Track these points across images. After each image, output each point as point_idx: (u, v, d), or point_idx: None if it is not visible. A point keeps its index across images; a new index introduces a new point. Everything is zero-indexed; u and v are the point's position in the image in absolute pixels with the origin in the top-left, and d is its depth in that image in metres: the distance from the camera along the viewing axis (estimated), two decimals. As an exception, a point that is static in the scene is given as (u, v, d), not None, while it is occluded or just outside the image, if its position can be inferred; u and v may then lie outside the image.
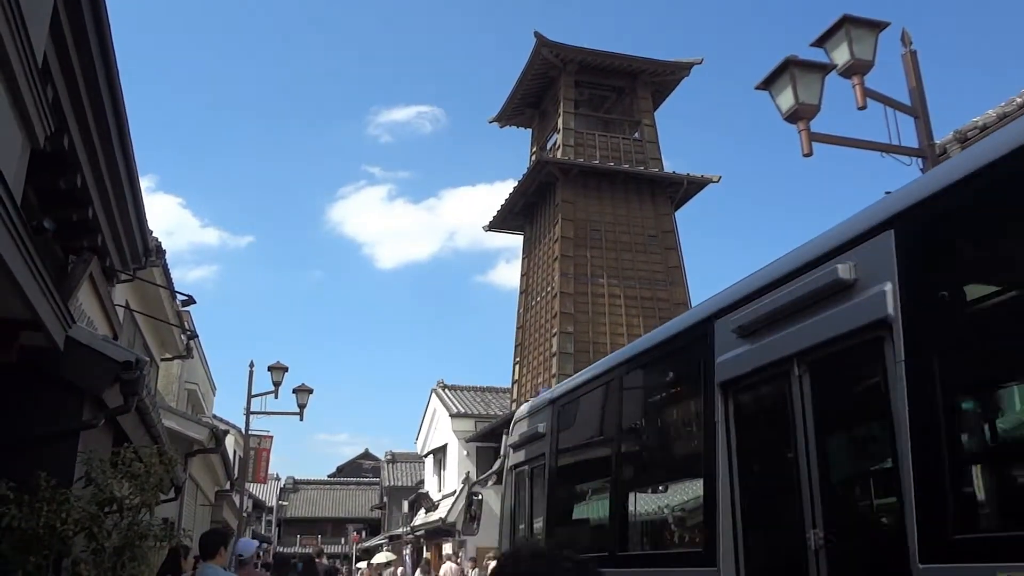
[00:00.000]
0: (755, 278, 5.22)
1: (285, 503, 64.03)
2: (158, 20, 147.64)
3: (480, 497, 11.19)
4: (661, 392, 6.50)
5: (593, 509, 7.26)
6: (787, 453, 4.60)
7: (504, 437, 9.86)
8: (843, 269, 4.22)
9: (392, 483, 48.84)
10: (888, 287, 3.93)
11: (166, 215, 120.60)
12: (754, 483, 4.97)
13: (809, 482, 4.33)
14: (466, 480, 28.64)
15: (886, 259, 4.00)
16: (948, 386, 3.64)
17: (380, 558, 40.86)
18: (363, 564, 41.98)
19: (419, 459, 43.16)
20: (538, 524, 8.10)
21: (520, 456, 8.84)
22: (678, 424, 6.21)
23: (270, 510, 59.27)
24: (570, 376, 7.74)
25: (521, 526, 8.56)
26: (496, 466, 13.37)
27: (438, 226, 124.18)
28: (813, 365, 4.48)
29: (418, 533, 36.99)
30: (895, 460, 3.77)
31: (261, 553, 31.11)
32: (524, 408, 9.31)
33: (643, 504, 6.47)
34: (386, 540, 45.79)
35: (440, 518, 30.83)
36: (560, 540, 7.36)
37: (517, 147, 54.32)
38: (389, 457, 51.01)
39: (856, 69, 8.66)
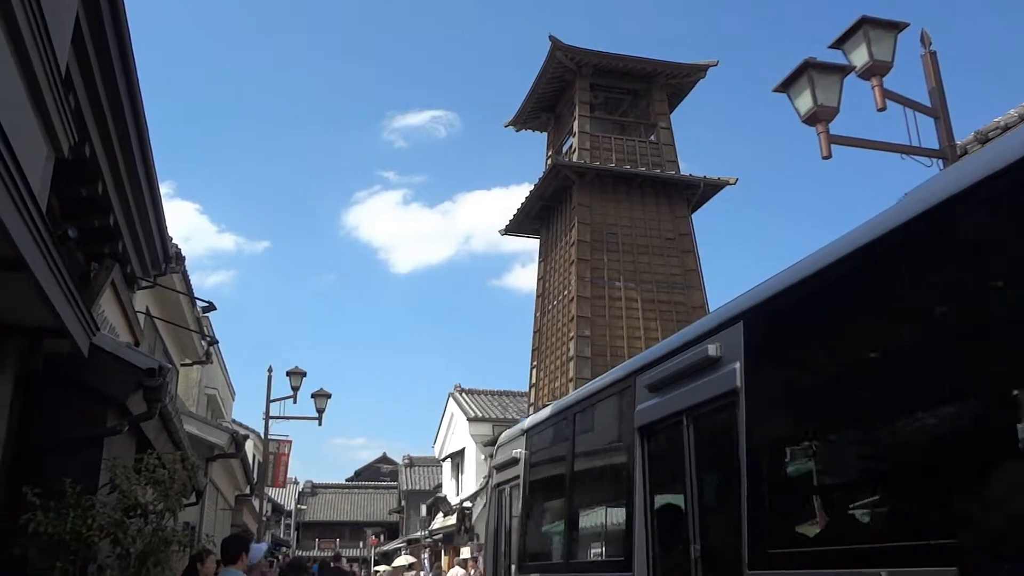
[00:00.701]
0: (662, 345, 6.70)
1: (304, 507, 64.27)
2: (175, 28, 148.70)
3: (470, 511, 13.02)
4: (600, 430, 7.79)
5: (554, 524, 8.50)
6: (679, 485, 5.83)
7: (489, 459, 11.32)
8: (712, 348, 5.48)
9: (410, 487, 48.92)
10: (737, 365, 5.16)
11: (183, 221, 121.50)
12: (659, 507, 6.24)
13: (692, 508, 5.62)
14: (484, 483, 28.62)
15: (737, 343, 5.27)
16: (770, 439, 4.98)
17: (400, 561, 40.82)
18: (382, 568, 42.02)
19: (437, 463, 43.25)
20: (514, 536, 9.48)
21: (501, 477, 10.23)
22: (612, 457, 7.32)
23: (289, 514, 59.49)
24: (589, 380, 8.91)
25: (502, 537, 9.93)
26: (483, 484, 14.96)
27: (453, 230, 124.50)
28: (695, 419, 5.71)
29: (436, 537, 37.03)
30: (738, 492, 4.92)
31: (280, 557, 31.30)
32: (505, 435, 10.68)
33: (586, 521, 7.78)
34: (404, 544, 45.85)
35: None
36: (529, 550, 8.94)
37: (532, 151, 54.30)
38: (407, 461, 51.09)
39: (875, 70, 8.62)
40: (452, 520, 32.93)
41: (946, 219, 3.72)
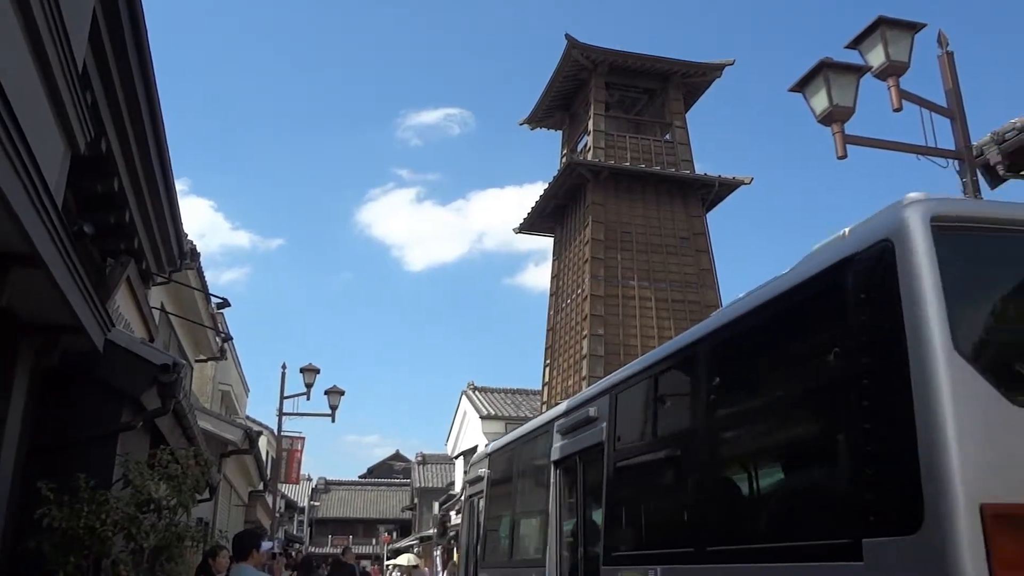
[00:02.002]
0: (570, 401, 8.61)
1: (317, 503, 64.47)
2: (191, 27, 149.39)
3: (447, 516, 15.39)
4: (532, 460, 9.56)
5: (504, 530, 10.55)
6: (575, 505, 7.85)
7: (465, 474, 13.59)
8: (592, 411, 7.38)
9: (423, 484, 49.00)
10: (604, 424, 7.05)
11: (198, 218, 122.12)
12: (565, 523, 8.16)
13: (581, 522, 7.60)
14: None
15: (605, 409, 7.12)
16: (618, 477, 6.77)
17: (400, 560, 40.61)
18: (392, 562, 42.01)
19: (450, 461, 43.27)
20: (478, 539, 11.47)
21: (471, 490, 12.27)
22: (538, 481, 9.23)
23: (302, 510, 59.68)
24: (600, 378, 9.98)
25: (472, 539, 11.84)
26: (459, 494, 17.48)
27: (467, 228, 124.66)
28: (583, 459, 7.63)
29: (449, 534, 37.06)
30: (602, 512, 6.89)
31: (294, 553, 31.40)
32: (476, 455, 12.87)
33: (522, 528, 9.86)
34: (417, 541, 45.93)
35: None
36: (488, 550, 10.93)
37: (546, 149, 54.39)
38: (420, 459, 51.17)
39: (891, 71, 8.57)
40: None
41: (717, 347, 5.58)
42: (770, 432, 5.06)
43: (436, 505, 41.49)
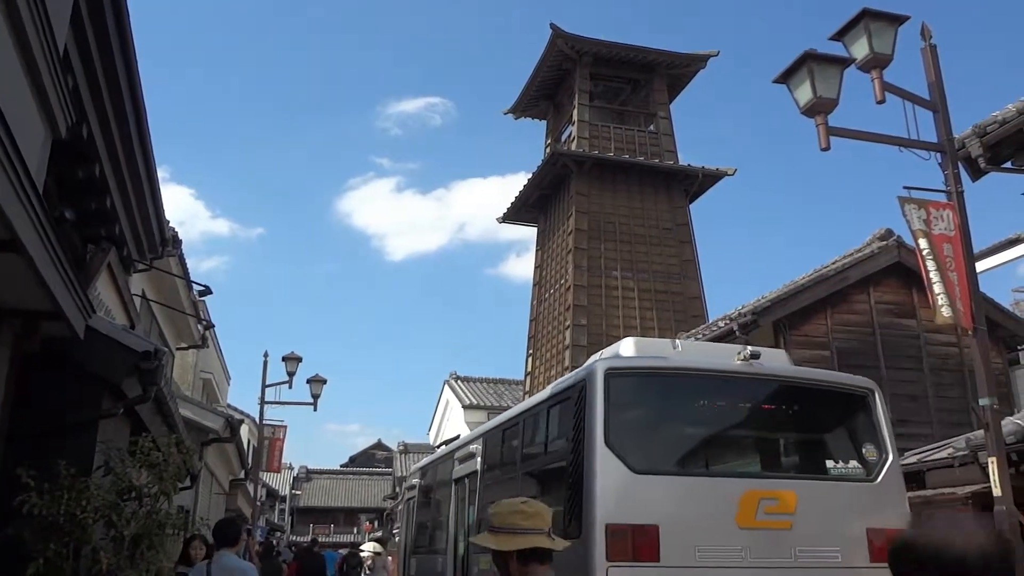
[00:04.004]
0: (464, 437, 12.08)
1: (298, 492, 64.34)
2: (171, 14, 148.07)
3: (393, 513, 19.08)
4: (443, 477, 11.99)
5: (423, 526, 13.48)
6: (465, 512, 10.19)
7: (404, 481, 17.53)
8: (473, 448, 10.20)
9: (404, 473, 48.81)
10: (479, 459, 9.74)
11: (178, 206, 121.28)
12: (459, 522, 10.56)
13: (466, 525, 10.05)
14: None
15: (480, 448, 9.89)
16: (482, 494, 9.32)
17: (367, 548, 40.37)
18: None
19: (432, 450, 43.08)
20: (411, 532, 14.54)
21: (407, 494, 15.69)
22: (445, 492, 11.56)
23: (283, 499, 59.55)
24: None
25: (408, 532, 14.93)
26: (401, 496, 21.71)
27: (448, 218, 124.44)
28: (468, 480, 10.12)
29: (394, 528, 37.05)
30: (475, 516, 9.45)
31: (275, 542, 31.34)
32: (414, 467, 16.94)
33: (436, 526, 12.42)
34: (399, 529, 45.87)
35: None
36: (416, 542, 13.83)
37: (530, 139, 54.36)
38: (402, 448, 51.12)
39: (875, 63, 8.60)
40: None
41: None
42: (539, 470, 8.22)
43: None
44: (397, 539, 28.98)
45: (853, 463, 7.50)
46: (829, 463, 7.55)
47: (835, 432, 8.07)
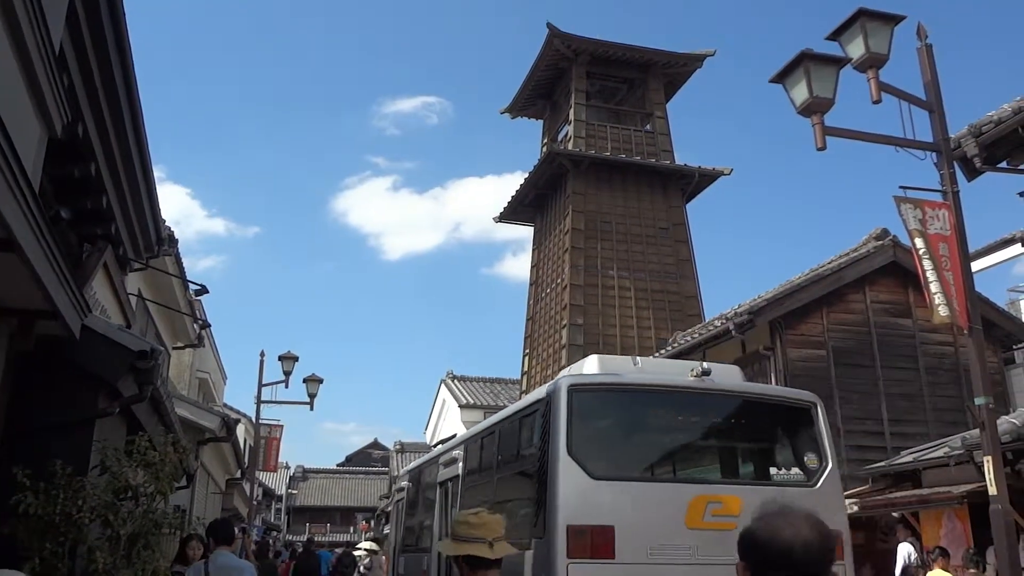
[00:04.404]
0: (445, 446, 12.50)
1: (295, 491, 64.27)
2: (166, 13, 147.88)
3: (382, 512, 20.51)
4: (429, 480, 12.60)
5: (411, 525, 13.93)
6: (450, 510, 10.36)
7: (394, 483, 18.57)
8: (456, 453, 10.77)
9: (401, 473, 48.88)
10: (462, 463, 10.28)
11: (174, 205, 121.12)
12: (443, 522, 10.95)
13: (448, 522, 9.71)
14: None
15: (461, 455, 10.42)
16: (464, 495, 9.76)
17: (364, 546, 40.31)
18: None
19: (428, 449, 43.15)
20: (400, 531, 15.04)
21: (397, 496, 16.34)
22: (432, 494, 12.04)
23: (280, 498, 59.54)
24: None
25: (398, 531, 15.45)
26: (392, 497, 22.38)
27: (444, 217, 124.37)
28: (451, 483, 10.65)
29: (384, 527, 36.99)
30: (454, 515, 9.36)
31: (272, 541, 31.32)
32: (403, 469, 17.87)
33: (423, 525, 12.81)
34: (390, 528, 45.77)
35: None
36: (404, 540, 14.32)
37: (527, 139, 54.33)
38: (398, 447, 50.97)
39: (871, 63, 8.60)
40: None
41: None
42: (512, 475, 8.72)
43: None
44: (388, 538, 29.21)
45: (795, 470, 8.00)
46: (773, 470, 8.10)
47: (779, 442, 8.57)
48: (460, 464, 10.31)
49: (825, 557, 2.04)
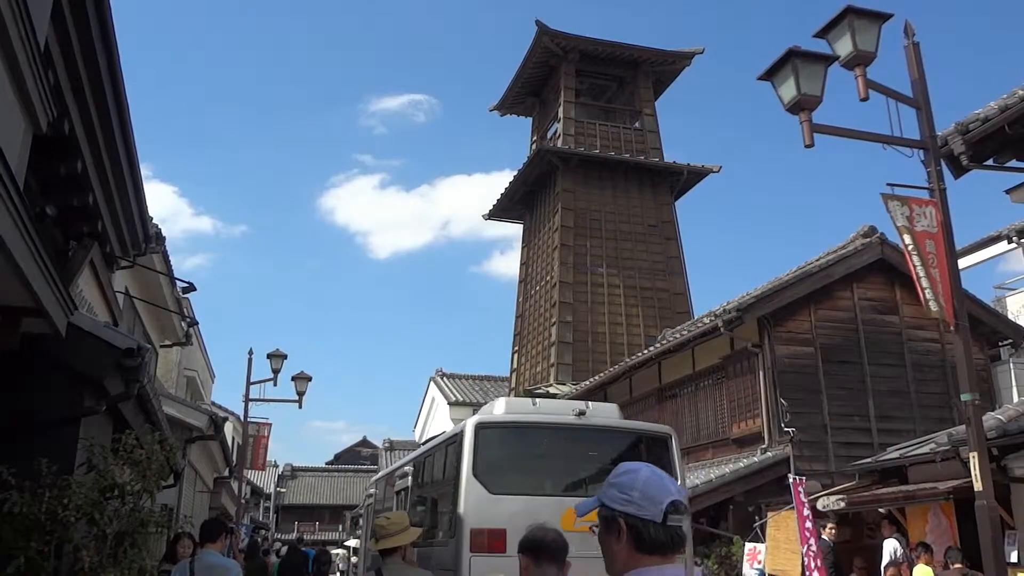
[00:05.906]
0: (401, 462, 14.44)
1: (283, 490, 64.11)
2: (151, 9, 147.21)
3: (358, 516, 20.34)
4: (391, 488, 14.51)
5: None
6: (410, 512, 11.25)
7: (368, 487, 20.01)
8: (408, 469, 12.79)
9: (372, 480, 48.72)
10: (411, 478, 12.50)
11: (161, 203, 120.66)
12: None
13: (429, 509, 11.21)
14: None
15: (412, 469, 12.72)
16: (415, 498, 12.23)
17: (351, 543, 40.31)
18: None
19: (417, 447, 43.17)
20: (369, 533, 16.00)
21: (368, 500, 18.18)
22: (391, 500, 14.14)
23: (268, 497, 59.38)
24: (571, 366, 13.26)
25: (368, 535, 16.62)
26: (363, 502, 23.61)
27: (433, 215, 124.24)
28: (404, 491, 12.68)
29: (358, 531, 36.96)
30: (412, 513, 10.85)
31: (260, 540, 31.23)
32: (375, 477, 19.99)
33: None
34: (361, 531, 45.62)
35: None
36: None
37: (516, 136, 54.32)
38: (387, 445, 50.98)
39: (859, 60, 8.64)
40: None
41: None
42: (439, 490, 10.72)
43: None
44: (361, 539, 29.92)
45: None
46: None
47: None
48: (410, 478, 12.69)
49: (566, 548, 3.86)
